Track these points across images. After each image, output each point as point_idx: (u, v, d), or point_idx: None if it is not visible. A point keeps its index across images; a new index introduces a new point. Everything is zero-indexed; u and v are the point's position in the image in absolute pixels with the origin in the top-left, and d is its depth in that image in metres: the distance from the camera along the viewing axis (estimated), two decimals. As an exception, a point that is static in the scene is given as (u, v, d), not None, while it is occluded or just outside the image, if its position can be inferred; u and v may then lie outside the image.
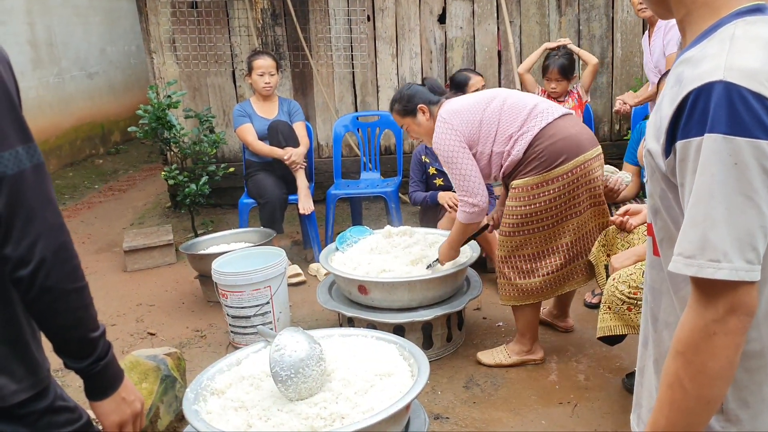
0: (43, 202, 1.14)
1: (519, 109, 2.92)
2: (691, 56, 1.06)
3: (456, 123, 2.95)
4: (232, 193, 5.65)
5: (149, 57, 5.52)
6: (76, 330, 1.21)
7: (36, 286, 1.13)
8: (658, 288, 1.22)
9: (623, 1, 5.36)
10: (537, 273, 2.99)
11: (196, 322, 3.86)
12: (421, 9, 5.41)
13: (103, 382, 1.28)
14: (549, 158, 2.84)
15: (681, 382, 1.03)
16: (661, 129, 1.08)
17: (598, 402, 2.86)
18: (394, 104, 3.19)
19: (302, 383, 2.11)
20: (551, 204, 2.88)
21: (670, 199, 1.10)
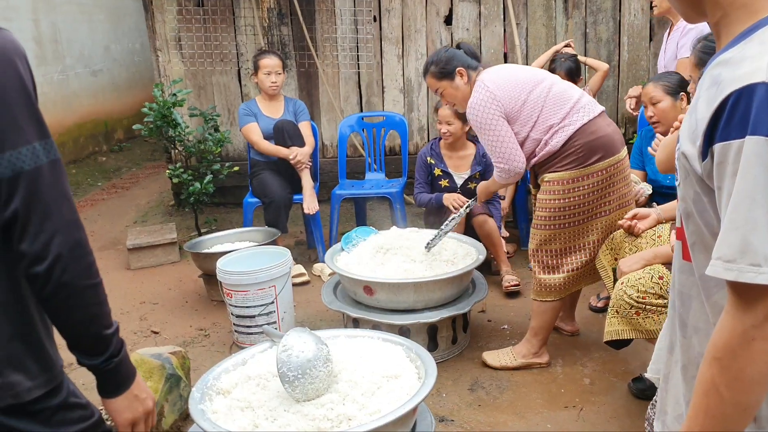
0: (59, 198, 1.13)
1: (564, 100, 2.90)
2: (729, 58, 1.05)
3: (500, 94, 2.90)
4: (236, 192, 5.64)
5: (154, 55, 5.51)
6: (90, 326, 1.21)
7: (51, 282, 1.13)
8: (687, 293, 1.20)
9: (630, 5, 5.35)
10: (561, 269, 3.00)
11: (199, 321, 3.85)
12: (427, 10, 5.40)
13: (116, 379, 1.28)
14: (586, 154, 2.84)
15: (717, 389, 1.01)
16: (697, 131, 1.06)
17: (604, 406, 2.84)
18: (430, 66, 3.09)
19: (309, 384, 2.09)
20: (584, 200, 2.89)
21: (704, 202, 1.09)
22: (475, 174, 4.09)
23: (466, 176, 4.12)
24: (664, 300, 2.48)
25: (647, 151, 3.49)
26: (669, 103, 3.14)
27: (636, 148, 3.59)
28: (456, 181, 4.12)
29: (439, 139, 4.20)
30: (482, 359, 3.20)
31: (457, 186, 4.11)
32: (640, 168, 3.63)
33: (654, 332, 2.49)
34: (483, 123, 2.91)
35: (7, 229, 1.12)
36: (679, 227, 1.20)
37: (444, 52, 3.09)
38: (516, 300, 3.92)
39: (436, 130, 4.23)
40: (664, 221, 2.85)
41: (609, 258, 2.98)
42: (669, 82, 3.16)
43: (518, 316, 3.71)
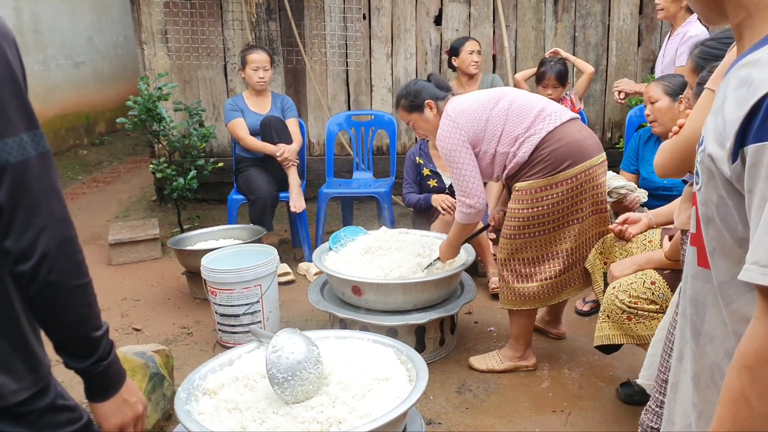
0: (47, 193, 1.08)
1: (527, 111, 2.90)
2: (759, 58, 1.02)
3: (462, 121, 2.92)
4: (219, 189, 5.57)
5: (140, 48, 5.42)
6: (79, 328, 1.15)
7: (38, 282, 1.07)
8: (702, 300, 1.17)
9: (619, 9, 5.36)
10: (535, 278, 2.97)
11: (182, 319, 3.79)
12: (417, 10, 5.37)
13: (105, 382, 1.22)
14: (555, 162, 2.82)
15: (747, 399, 0.97)
16: (726, 133, 1.03)
17: (591, 411, 2.83)
18: (401, 100, 3.16)
19: (299, 386, 2.06)
20: (554, 208, 2.86)
21: (729, 206, 1.06)
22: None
23: None
24: (655, 305, 2.48)
25: (643, 153, 3.49)
26: (666, 103, 3.15)
27: (631, 149, 3.58)
28: (444, 182, 4.09)
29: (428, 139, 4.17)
30: (469, 363, 3.17)
31: (446, 186, 4.08)
32: (633, 170, 3.62)
33: (645, 337, 2.48)
34: (449, 153, 2.93)
35: None
36: (695, 233, 1.17)
37: (413, 85, 3.16)
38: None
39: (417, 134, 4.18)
40: (655, 226, 2.85)
41: (598, 263, 2.97)
42: (670, 83, 3.17)
43: (505, 318, 3.66)
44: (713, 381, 1.15)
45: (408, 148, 5.50)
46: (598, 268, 2.97)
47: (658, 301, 2.47)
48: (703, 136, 1.13)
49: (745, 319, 1.04)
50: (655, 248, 2.74)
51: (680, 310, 1.28)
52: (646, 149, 3.49)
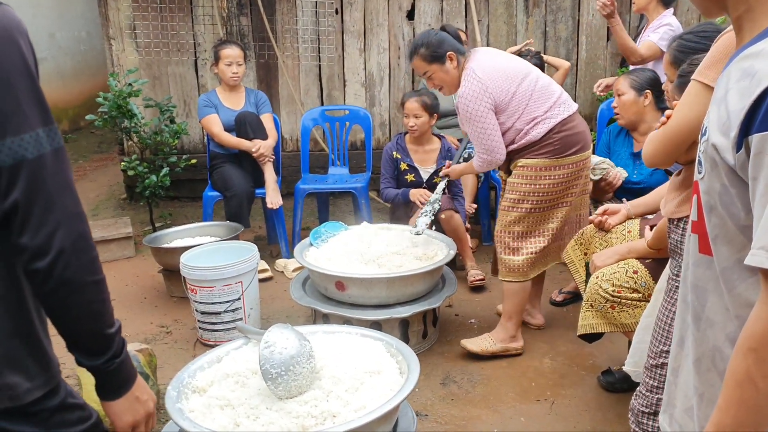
0: (62, 189, 1.06)
1: (549, 94, 3.01)
2: (761, 50, 1.04)
3: (491, 86, 2.94)
4: (191, 186, 5.50)
5: (108, 43, 5.32)
6: (93, 325, 1.13)
7: (53, 278, 1.05)
8: (703, 286, 1.20)
9: (589, 4, 5.44)
10: (521, 252, 3.11)
11: (160, 317, 3.74)
12: (390, 4, 5.37)
13: (118, 380, 1.21)
14: (562, 147, 2.97)
15: (752, 380, 1.00)
16: (730, 123, 1.05)
17: (575, 399, 2.88)
18: (419, 48, 3.04)
19: (292, 381, 2.05)
20: (551, 189, 3.01)
21: (732, 195, 1.08)
22: (441, 168, 4.08)
23: (431, 170, 4.12)
24: (638, 294, 2.53)
25: (614, 147, 3.56)
26: (631, 97, 3.26)
27: (603, 144, 3.64)
28: (422, 176, 4.11)
29: (405, 133, 4.19)
30: (462, 346, 3.21)
31: (423, 180, 4.10)
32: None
33: (629, 325, 2.53)
34: (473, 114, 2.96)
35: (7, 220, 1.04)
36: (696, 221, 1.20)
37: (434, 35, 3.07)
38: (482, 294, 3.94)
39: (402, 124, 4.21)
40: (633, 216, 2.90)
41: (579, 253, 3.02)
42: (637, 78, 3.26)
43: (484, 310, 3.73)
44: (714, 364, 1.18)
45: (382, 143, 5.51)
46: (578, 259, 3.02)
47: (641, 290, 2.52)
48: (706, 126, 1.16)
49: (748, 303, 1.07)
50: (634, 238, 2.80)
51: (680, 296, 1.31)
52: (617, 143, 3.55)
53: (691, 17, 5.52)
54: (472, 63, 3.00)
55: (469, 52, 3.09)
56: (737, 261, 1.09)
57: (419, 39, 3.10)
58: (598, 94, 4.46)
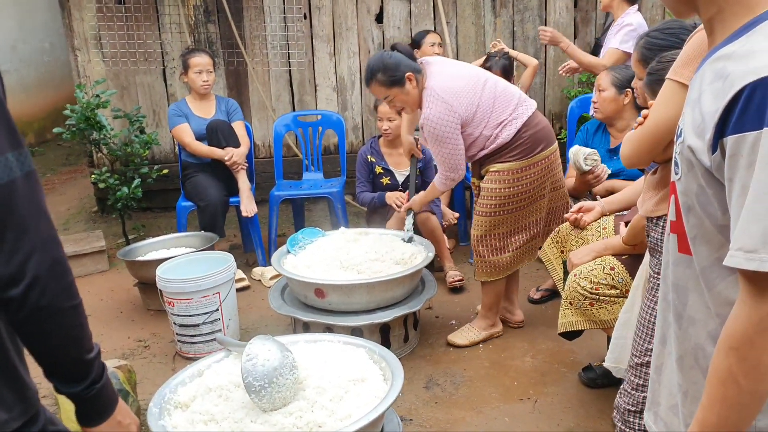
0: (35, 214, 1.03)
1: (510, 95, 3.08)
2: (733, 52, 1.06)
3: (455, 104, 2.98)
4: (163, 196, 5.44)
5: (73, 54, 5.23)
6: (71, 351, 1.10)
7: (28, 306, 1.02)
8: (684, 285, 1.21)
9: (555, 3, 5.49)
10: (508, 249, 3.21)
11: (137, 331, 3.68)
12: (358, 8, 5.36)
13: (99, 405, 1.18)
14: (532, 145, 3.05)
15: (735, 378, 1.02)
16: (704, 125, 1.07)
17: (557, 397, 2.90)
18: (376, 74, 3.01)
19: (276, 393, 2.03)
20: (529, 187, 3.09)
21: (708, 195, 1.10)
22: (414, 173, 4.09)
23: (407, 173, 4.11)
24: (616, 290, 2.55)
25: (593, 144, 3.58)
26: (612, 94, 3.30)
27: (580, 141, 3.65)
28: (397, 179, 4.11)
29: (379, 137, 4.18)
30: (448, 341, 3.32)
31: (399, 183, 4.10)
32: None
33: (608, 322, 2.55)
34: (440, 135, 2.99)
35: None
36: (675, 221, 1.21)
37: (389, 58, 3.03)
38: (461, 295, 3.95)
39: (377, 128, 4.20)
40: (608, 213, 2.94)
41: (555, 251, 3.04)
42: (619, 75, 3.30)
43: (464, 310, 3.74)
44: (697, 362, 1.19)
45: (355, 146, 5.50)
46: (555, 257, 3.04)
47: (618, 286, 2.55)
48: (681, 128, 1.17)
49: (727, 301, 1.09)
50: (609, 235, 2.83)
51: (661, 295, 1.33)
52: (594, 140, 3.58)
53: (655, 13, 5.60)
54: (431, 81, 3.00)
55: (422, 65, 3.07)
56: (716, 260, 1.11)
57: (374, 64, 3.05)
58: (562, 73, 4.57)
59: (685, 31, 2.24)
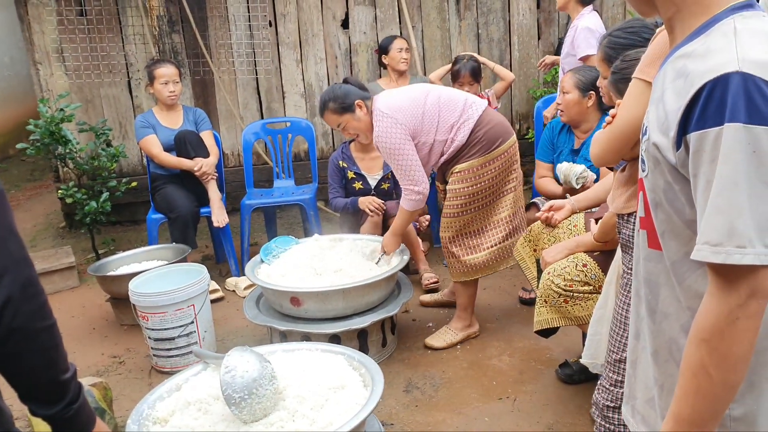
0: (5, 234, 1.02)
1: (455, 101, 3.17)
2: (692, 51, 1.09)
3: (400, 117, 3.10)
4: (133, 210, 5.38)
5: (34, 68, 5.14)
6: (47, 372, 1.08)
7: (1, 328, 1.00)
8: (655, 280, 1.23)
9: (518, 5, 5.55)
10: (481, 248, 3.24)
11: (111, 347, 3.63)
12: (323, 14, 5.36)
13: (77, 427, 1.16)
14: (489, 141, 3.14)
15: (706, 370, 1.04)
16: (668, 122, 1.09)
17: (536, 395, 2.93)
18: (328, 104, 3.22)
19: (256, 404, 2.02)
20: (493, 182, 3.17)
21: (675, 191, 1.12)
22: (387, 174, 4.11)
23: (379, 177, 4.13)
24: (589, 287, 2.59)
25: (558, 143, 3.62)
26: (575, 97, 3.32)
27: (546, 140, 3.68)
28: (370, 183, 4.12)
29: (350, 142, 4.19)
30: (426, 345, 3.33)
31: (371, 187, 4.11)
32: (549, 160, 3.68)
33: (583, 318, 2.59)
34: (392, 148, 3.10)
35: None
36: (644, 217, 1.24)
37: (339, 89, 3.24)
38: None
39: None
40: (578, 211, 2.98)
41: (528, 250, 3.07)
42: (582, 78, 3.31)
43: (441, 312, 3.75)
44: (671, 355, 1.22)
45: (326, 152, 5.49)
46: (528, 256, 3.07)
47: (592, 282, 2.59)
48: (646, 126, 1.20)
49: (698, 294, 1.11)
50: (580, 232, 2.87)
51: (633, 290, 1.35)
52: (560, 140, 3.61)
53: (617, 12, 5.70)
54: (377, 104, 3.16)
55: (371, 97, 3.23)
56: (685, 254, 1.13)
57: (325, 95, 3.26)
58: (539, 68, 4.72)
59: (646, 29, 2.28)
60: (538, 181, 3.71)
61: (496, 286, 4.02)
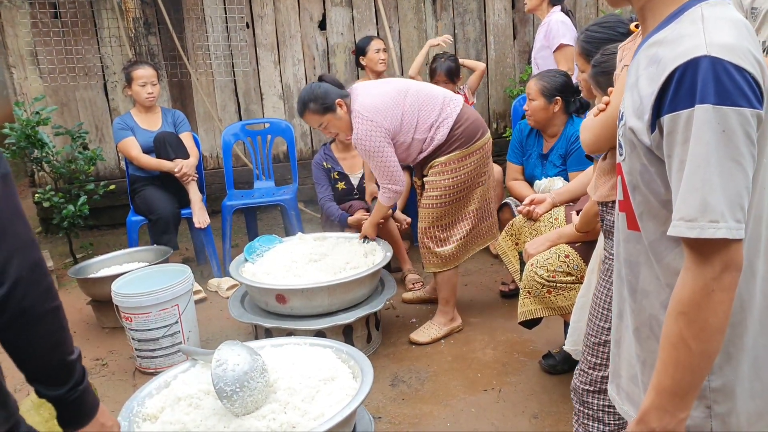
0: (13, 216, 1.03)
1: (433, 100, 3.22)
2: (663, 38, 1.15)
3: (379, 119, 3.13)
4: (110, 213, 5.32)
5: (8, 72, 5.08)
6: (54, 353, 1.10)
7: (10, 309, 1.02)
8: (635, 260, 1.28)
9: (494, 5, 5.62)
10: (450, 240, 3.31)
11: (93, 350, 3.60)
12: (300, 16, 5.38)
13: (82, 408, 1.18)
14: (467, 137, 3.21)
15: (685, 341, 1.09)
16: (643, 107, 1.15)
17: (520, 385, 2.97)
18: (309, 104, 3.22)
19: (248, 396, 2.03)
20: (470, 175, 3.24)
21: (651, 173, 1.17)
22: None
23: (359, 175, 4.15)
24: (572, 277, 2.64)
25: (527, 146, 3.66)
26: (540, 104, 3.36)
27: (515, 141, 3.70)
28: (352, 182, 4.14)
29: (331, 142, 4.20)
30: (411, 340, 3.36)
31: (354, 187, 4.13)
32: (519, 162, 3.69)
33: (566, 308, 2.64)
34: (371, 150, 3.15)
35: None
36: (622, 200, 1.29)
37: (318, 88, 3.23)
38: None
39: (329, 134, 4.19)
40: (558, 204, 3.04)
41: (510, 244, 3.12)
42: (547, 84, 3.35)
43: (423, 308, 3.79)
44: (652, 331, 1.27)
45: (305, 153, 5.51)
46: (510, 249, 3.12)
47: (574, 273, 2.64)
48: (623, 112, 1.25)
49: (675, 272, 1.17)
50: (561, 225, 2.92)
51: (615, 272, 1.40)
52: (528, 143, 3.64)
53: (589, 12, 5.80)
54: (355, 105, 3.18)
55: (350, 91, 3.26)
56: (662, 234, 1.18)
57: (305, 95, 3.25)
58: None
59: (621, 24, 2.34)
60: (509, 182, 3.72)
61: (477, 282, 4.07)
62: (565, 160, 3.44)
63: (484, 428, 2.70)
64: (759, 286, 1.18)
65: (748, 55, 1.08)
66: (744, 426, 1.20)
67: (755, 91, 1.07)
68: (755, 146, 1.08)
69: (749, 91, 1.05)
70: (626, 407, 1.38)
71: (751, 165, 1.07)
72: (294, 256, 3.35)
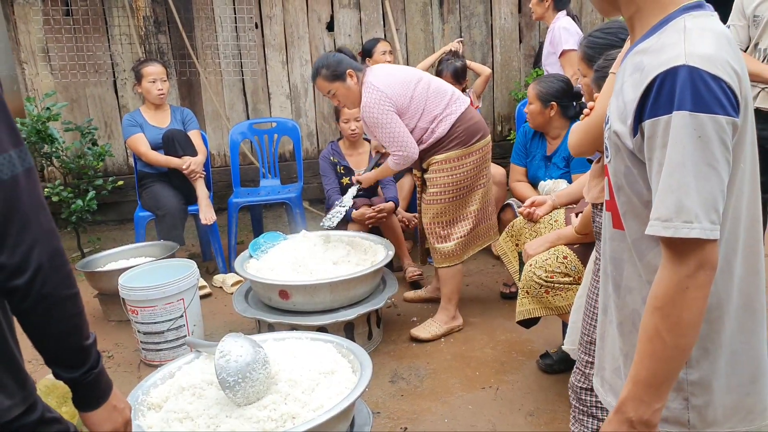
0: (36, 207, 1.09)
1: (442, 93, 3.30)
2: (648, 46, 1.21)
3: (389, 92, 3.22)
4: (118, 209, 5.40)
5: (20, 68, 5.16)
6: (71, 338, 1.17)
7: (32, 295, 1.09)
8: (619, 258, 1.34)
9: (500, 9, 5.68)
10: (451, 238, 3.38)
11: (100, 342, 3.60)
12: (309, 17, 5.44)
13: (96, 391, 1.24)
14: (468, 136, 3.29)
15: (660, 335, 1.15)
16: (626, 112, 1.21)
17: (517, 384, 3.02)
18: (321, 70, 3.29)
19: (250, 387, 2.09)
20: (468, 175, 3.30)
21: (634, 174, 1.23)
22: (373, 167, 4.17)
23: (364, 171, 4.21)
24: (569, 278, 2.69)
25: (531, 148, 3.71)
26: (537, 108, 3.43)
27: (519, 144, 3.75)
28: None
29: (338, 139, 4.26)
30: (412, 336, 3.41)
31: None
32: (522, 164, 3.74)
33: (563, 308, 2.68)
34: (378, 119, 3.21)
35: None
36: (608, 200, 1.34)
37: (333, 57, 3.33)
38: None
39: (340, 130, 4.24)
40: (558, 206, 3.08)
41: (510, 245, 3.17)
42: (543, 89, 3.40)
43: (425, 307, 3.84)
44: (634, 326, 1.33)
45: (310, 153, 5.57)
46: (510, 250, 3.17)
47: (572, 274, 2.68)
48: (609, 116, 1.31)
49: (656, 269, 1.23)
50: (561, 227, 2.97)
51: (601, 269, 1.46)
52: (533, 145, 3.69)
53: (595, 17, 5.84)
54: (369, 77, 3.26)
55: (366, 68, 3.36)
56: (644, 233, 1.24)
57: (319, 62, 3.35)
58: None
59: (623, 30, 2.39)
60: (512, 184, 3.78)
61: (478, 282, 4.12)
62: (568, 162, 3.49)
63: (481, 425, 2.75)
64: (736, 285, 1.23)
65: (726, 66, 1.13)
66: (720, 418, 1.25)
67: (731, 100, 1.12)
68: (730, 152, 1.13)
69: (725, 99, 1.11)
70: (609, 398, 1.44)
71: (726, 170, 1.13)
72: (298, 253, 3.40)
